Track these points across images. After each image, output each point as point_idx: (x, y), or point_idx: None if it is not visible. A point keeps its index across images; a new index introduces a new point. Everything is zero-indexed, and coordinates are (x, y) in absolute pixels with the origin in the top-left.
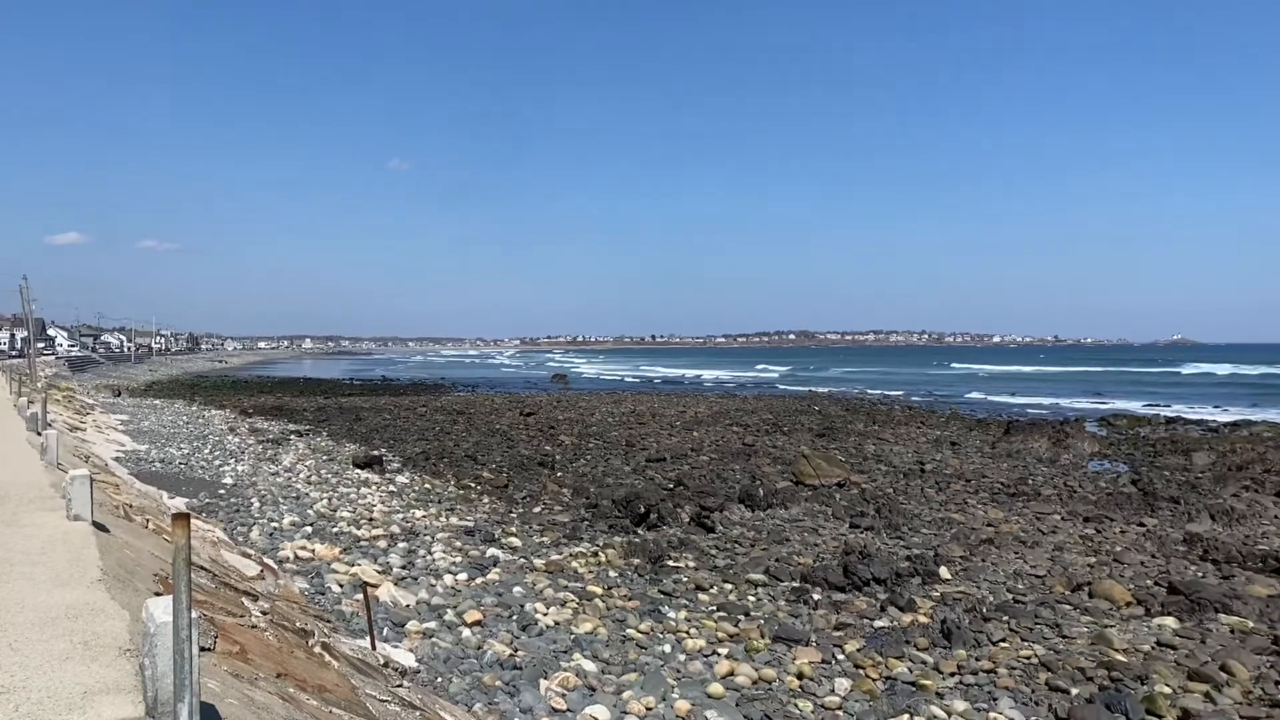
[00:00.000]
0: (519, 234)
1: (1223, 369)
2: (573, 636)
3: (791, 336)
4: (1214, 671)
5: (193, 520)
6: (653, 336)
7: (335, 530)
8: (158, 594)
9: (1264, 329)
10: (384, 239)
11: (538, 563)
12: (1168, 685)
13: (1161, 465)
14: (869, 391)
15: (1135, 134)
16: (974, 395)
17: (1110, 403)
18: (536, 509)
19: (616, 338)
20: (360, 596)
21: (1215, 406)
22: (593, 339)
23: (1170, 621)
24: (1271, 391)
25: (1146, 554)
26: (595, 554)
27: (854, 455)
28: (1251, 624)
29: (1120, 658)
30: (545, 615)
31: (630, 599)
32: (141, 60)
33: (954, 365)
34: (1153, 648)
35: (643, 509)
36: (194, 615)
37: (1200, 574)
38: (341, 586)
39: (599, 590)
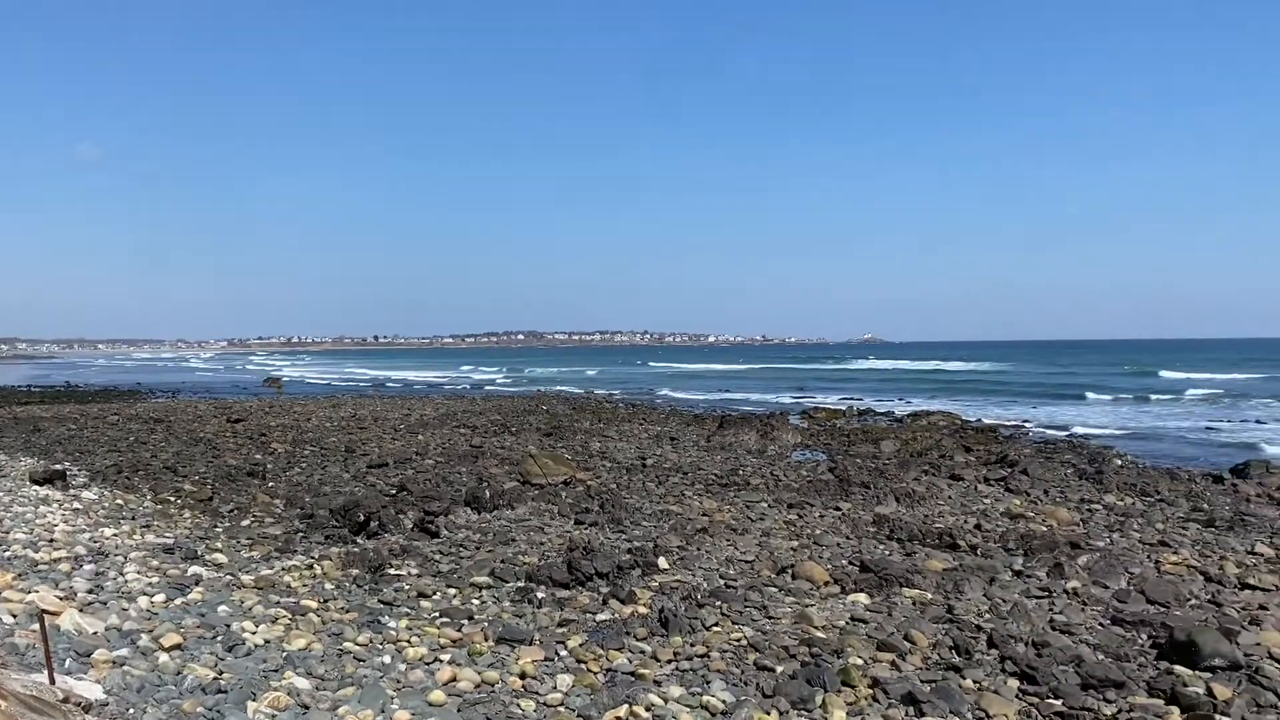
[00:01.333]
0: (225, 225)
1: (904, 364)
2: (284, 654)
3: (521, 337)
4: (899, 641)
5: None
6: (375, 337)
7: (7, 554)
8: None
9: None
10: (69, 230)
11: (246, 579)
12: (860, 657)
13: (855, 453)
14: (595, 391)
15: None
16: (687, 394)
17: (812, 397)
18: (245, 522)
19: (336, 338)
20: (36, 626)
21: (899, 399)
22: (309, 340)
23: (863, 598)
24: (945, 384)
25: (842, 536)
26: (310, 566)
27: (580, 453)
28: (930, 595)
29: (820, 634)
30: (254, 634)
31: (348, 611)
32: None
33: (674, 364)
34: (847, 623)
35: (363, 517)
36: None
37: (888, 552)
38: (15, 616)
39: (314, 604)
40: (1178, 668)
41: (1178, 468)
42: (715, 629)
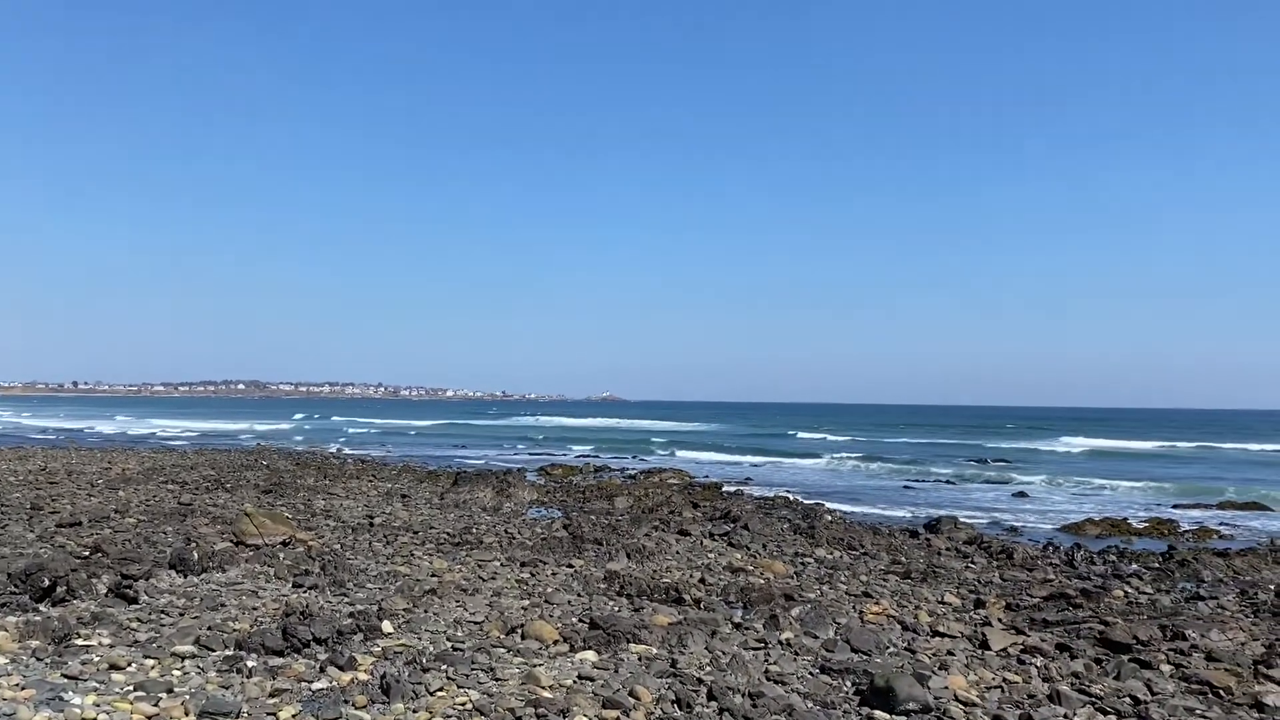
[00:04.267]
0: None
1: (645, 423)
2: None
3: (241, 386)
4: (624, 697)
5: None
6: (74, 383)
7: None
8: None
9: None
10: None
11: None
12: (585, 715)
13: (589, 510)
14: (322, 445)
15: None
16: (422, 450)
17: (550, 453)
18: None
19: (27, 384)
20: None
21: (634, 456)
22: None
23: (590, 655)
24: (677, 442)
25: (574, 593)
26: None
27: (302, 511)
28: (655, 650)
29: (546, 694)
30: None
31: (24, 688)
32: None
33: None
34: (574, 681)
35: (47, 581)
36: None
37: (617, 608)
38: None
39: None
40: (877, 713)
41: (880, 524)
42: (440, 694)
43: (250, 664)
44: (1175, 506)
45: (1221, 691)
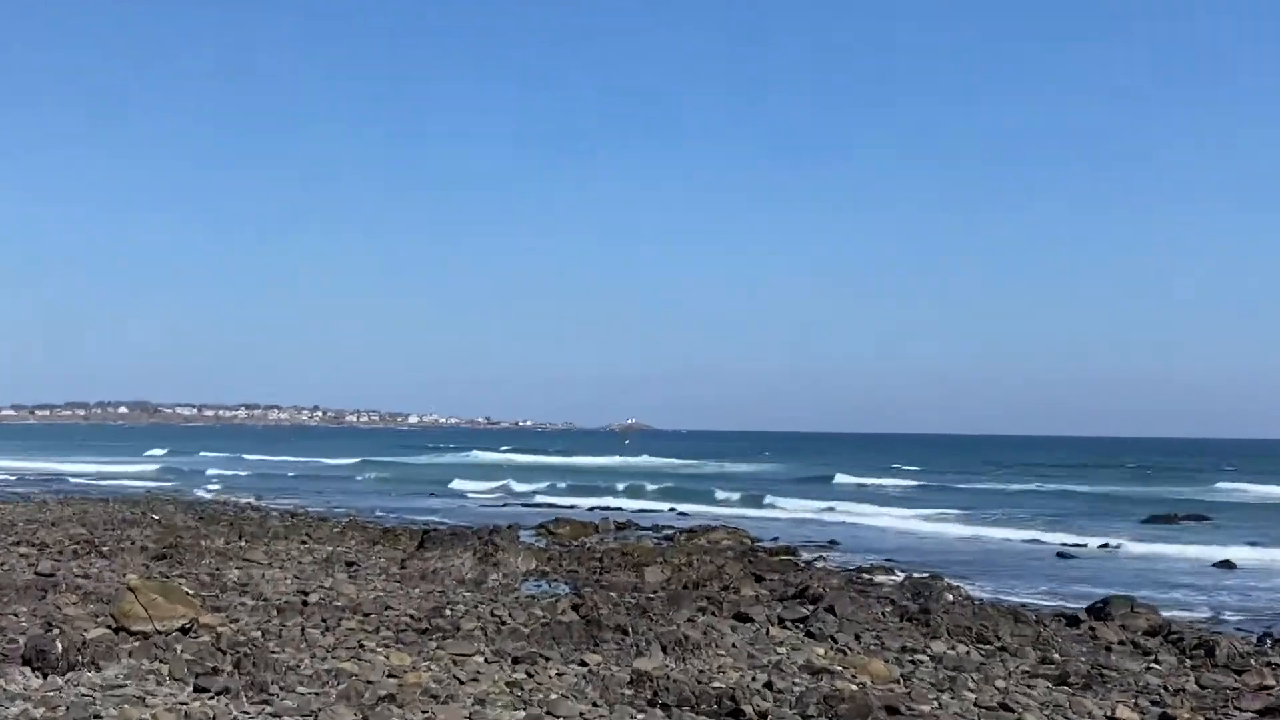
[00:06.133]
0: None
1: (676, 461)
2: None
3: (124, 410)
4: None
5: None
6: None
7: None
8: None
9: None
10: None
11: None
12: None
13: (609, 584)
14: (238, 493)
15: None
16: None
17: (555, 501)
18: None
19: None
20: None
21: (671, 508)
22: None
23: None
24: (730, 485)
25: (587, 701)
26: None
27: (209, 585)
28: None
29: None
30: None
31: None
32: None
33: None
34: None
35: None
36: None
37: None
38: None
39: None
40: None
41: (1023, 606)
42: None
43: None
44: None
45: None
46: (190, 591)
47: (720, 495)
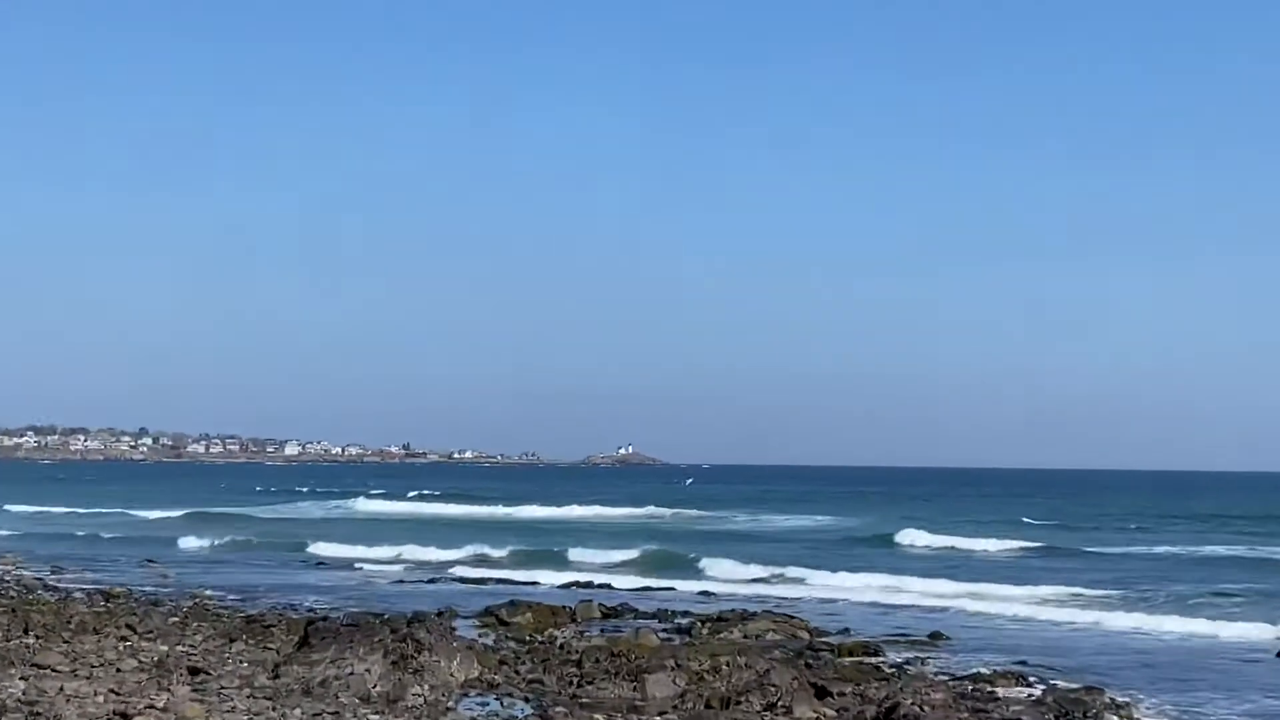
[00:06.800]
0: None
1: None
2: None
3: None
4: None
5: None
6: None
7: None
8: None
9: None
10: None
11: None
12: None
13: (593, 702)
14: (21, 567)
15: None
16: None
17: (510, 576)
18: None
19: None
20: None
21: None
22: None
23: None
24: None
25: None
26: None
27: None
28: None
29: None
30: None
31: None
32: None
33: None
34: None
35: None
36: None
37: None
38: None
39: None
40: None
41: None
42: None
43: None
44: None
45: None
46: None
47: (752, 565)
